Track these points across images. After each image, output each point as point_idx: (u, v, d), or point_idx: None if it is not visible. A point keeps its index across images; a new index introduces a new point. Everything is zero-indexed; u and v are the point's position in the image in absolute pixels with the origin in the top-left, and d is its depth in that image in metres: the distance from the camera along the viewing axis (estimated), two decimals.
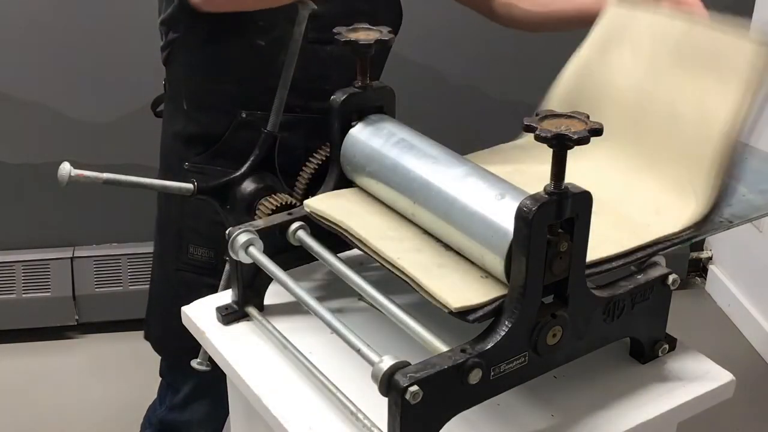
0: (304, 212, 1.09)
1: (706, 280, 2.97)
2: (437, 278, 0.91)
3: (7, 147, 2.52)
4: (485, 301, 0.88)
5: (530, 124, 0.83)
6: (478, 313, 0.87)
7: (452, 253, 0.96)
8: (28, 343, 2.66)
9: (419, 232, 1.00)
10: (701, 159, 1.05)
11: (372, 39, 1.07)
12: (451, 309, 0.87)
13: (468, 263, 0.95)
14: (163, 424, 1.72)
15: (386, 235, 0.99)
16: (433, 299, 0.89)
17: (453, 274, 0.92)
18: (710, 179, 1.04)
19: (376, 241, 0.97)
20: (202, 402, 1.67)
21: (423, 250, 0.97)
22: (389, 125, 1.09)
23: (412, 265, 0.93)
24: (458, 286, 0.90)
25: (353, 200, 1.08)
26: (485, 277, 0.92)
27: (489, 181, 0.96)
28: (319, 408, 0.98)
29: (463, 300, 0.87)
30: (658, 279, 0.99)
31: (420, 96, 2.56)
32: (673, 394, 1.01)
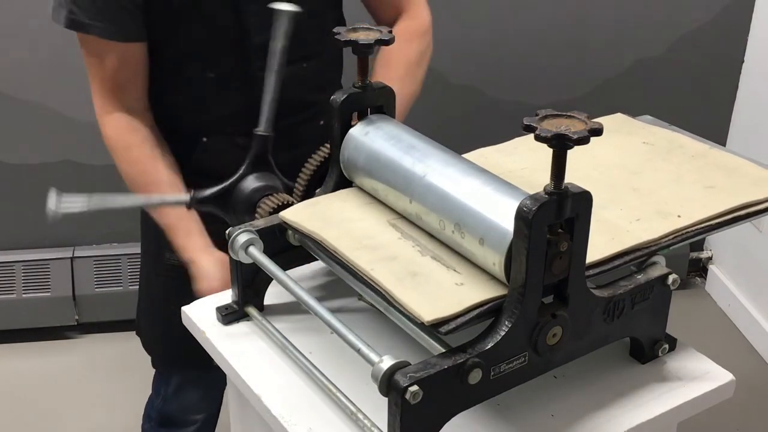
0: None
1: (706, 280, 2.97)
2: (410, 289, 0.89)
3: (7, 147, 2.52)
4: (459, 311, 0.86)
5: (530, 124, 0.83)
6: (451, 325, 0.85)
7: (428, 258, 0.95)
8: (28, 343, 2.66)
9: (396, 237, 0.99)
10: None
11: (372, 39, 1.07)
12: (424, 322, 0.85)
13: (444, 269, 0.93)
14: (161, 416, 1.74)
15: (361, 244, 0.98)
16: (406, 312, 0.87)
17: (427, 284, 0.91)
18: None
19: (350, 252, 0.96)
20: (194, 389, 1.69)
21: (398, 257, 0.95)
22: (389, 125, 1.09)
23: (385, 276, 0.91)
24: (432, 295, 0.88)
25: (333, 207, 1.06)
26: (460, 284, 0.90)
27: (489, 181, 0.96)
28: (319, 408, 0.98)
29: (436, 312, 0.85)
30: (658, 279, 0.99)
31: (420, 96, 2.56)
32: (673, 394, 1.01)
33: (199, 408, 1.73)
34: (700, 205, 1.05)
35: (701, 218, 1.03)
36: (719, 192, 1.08)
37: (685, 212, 1.03)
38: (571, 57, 2.62)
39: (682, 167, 1.15)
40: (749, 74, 2.72)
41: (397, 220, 1.02)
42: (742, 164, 1.15)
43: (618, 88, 2.68)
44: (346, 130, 1.09)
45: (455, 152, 1.05)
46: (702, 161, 1.16)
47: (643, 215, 1.01)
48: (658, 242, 0.99)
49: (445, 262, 0.94)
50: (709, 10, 2.64)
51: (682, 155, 1.18)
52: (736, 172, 1.13)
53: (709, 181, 1.11)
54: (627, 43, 2.64)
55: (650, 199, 1.06)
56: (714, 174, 1.13)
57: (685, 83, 2.72)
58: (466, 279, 0.91)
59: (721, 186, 1.10)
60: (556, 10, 2.56)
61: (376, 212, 1.05)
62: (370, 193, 1.09)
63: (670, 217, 1.02)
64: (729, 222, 1.05)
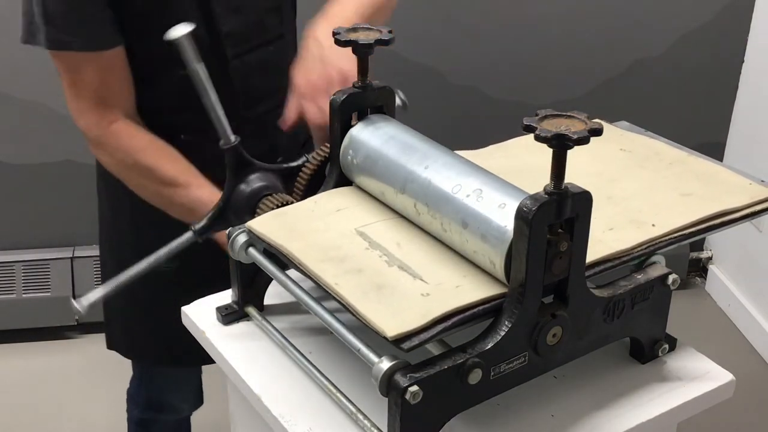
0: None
1: (706, 280, 2.97)
2: (375, 302, 0.88)
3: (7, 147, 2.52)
4: (424, 324, 0.84)
5: (530, 124, 0.83)
6: (414, 341, 0.83)
7: (395, 268, 0.93)
8: (28, 343, 2.66)
9: (363, 246, 0.97)
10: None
11: (372, 39, 1.07)
12: (387, 337, 0.83)
13: (410, 279, 0.92)
14: (148, 401, 1.75)
15: (327, 255, 0.96)
16: (370, 327, 0.86)
17: (392, 296, 0.89)
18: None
19: (315, 265, 0.94)
20: (170, 371, 1.70)
21: (364, 269, 0.93)
22: (389, 125, 1.09)
23: (350, 290, 0.90)
24: (397, 308, 0.87)
25: (302, 215, 1.05)
26: (426, 294, 0.89)
27: (489, 181, 0.96)
28: (319, 408, 0.98)
29: (401, 326, 0.84)
30: (658, 279, 0.99)
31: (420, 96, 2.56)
32: (673, 394, 1.01)
33: (178, 389, 1.74)
34: (676, 213, 1.03)
35: (675, 227, 1.01)
36: (695, 200, 1.07)
37: (659, 221, 1.02)
38: (571, 57, 2.62)
39: (658, 174, 1.14)
40: (749, 74, 2.72)
41: (365, 228, 1.01)
42: (720, 171, 1.14)
43: (618, 88, 2.68)
44: (346, 130, 1.09)
45: (455, 152, 1.05)
46: (679, 168, 1.15)
47: (616, 224, 0.99)
48: (630, 252, 0.97)
49: (411, 272, 0.92)
50: (709, 10, 2.64)
51: (659, 162, 1.17)
52: (713, 179, 1.12)
53: (685, 189, 1.09)
54: (627, 43, 2.64)
55: (625, 208, 1.04)
56: (691, 181, 1.11)
57: (685, 83, 2.72)
58: (433, 288, 0.90)
59: (697, 193, 1.08)
60: (556, 10, 2.56)
61: (344, 220, 1.03)
62: (370, 193, 1.09)
63: (644, 227, 1.01)
64: (704, 230, 1.03)
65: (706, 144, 2.81)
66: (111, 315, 1.64)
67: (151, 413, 1.76)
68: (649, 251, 0.99)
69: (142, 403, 1.76)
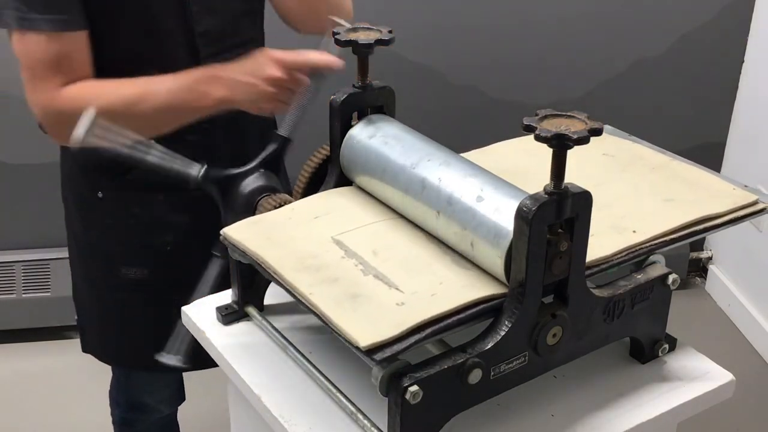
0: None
1: (706, 280, 2.97)
2: (349, 312, 0.87)
3: (7, 147, 2.52)
4: (397, 334, 0.83)
5: (530, 124, 0.83)
6: (386, 352, 0.82)
7: (371, 277, 0.92)
8: (28, 343, 2.66)
9: (340, 255, 0.97)
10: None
11: (372, 39, 1.07)
12: (360, 348, 0.82)
13: (385, 288, 0.91)
14: (128, 401, 1.76)
15: (303, 264, 0.95)
16: (343, 337, 0.85)
17: (367, 306, 0.88)
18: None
19: (290, 274, 0.93)
20: (145, 373, 1.69)
21: (339, 278, 0.92)
22: (389, 125, 1.09)
23: (325, 299, 0.89)
24: (371, 318, 0.86)
25: (278, 223, 1.04)
26: (401, 304, 0.88)
27: (489, 181, 0.96)
28: (319, 408, 0.98)
29: (374, 336, 0.83)
30: (657, 279, 0.99)
31: (420, 96, 2.56)
32: (673, 394, 1.01)
33: (155, 388, 1.74)
34: (657, 219, 1.03)
35: (657, 233, 1.00)
36: (678, 205, 1.06)
37: (640, 227, 1.01)
38: (571, 57, 2.62)
39: (641, 179, 1.13)
40: (749, 74, 2.72)
41: (342, 236, 1.00)
42: (703, 176, 1.14)
43: (618, 88, 2.67)
44: (346, 130, 1.09)
45: (455, 152, 1.05)
46: (662, 173, 1.14)
47: (597, 230, 0.96)
48: (609, 260, 0.96)
49: (387, 281, 0.92)
50: (709, 10, 2.64)
51: (642, 167, 1.16)
52: (696, 184, 1.11)
53: (668, 194, 1.09)
54: (627, 43, 2.64)
55: (606, 213, 1.03)
56: (674, 186, 1.11)
57: (685, 83, 2.72)
58: (408, 297, 0.89)
59: (680, 199, 1.08)
60: (556, 10, 2.56)
61: (321, 228, 1.02)
62: (370, 192, 1.09)
63: (625, 233, 1.00)
64: (686, 236, 1.02)
65: (706, 144, 2.81)
66: (84, 320, 1.64)
67: (133, 413, 1.76)
68: (630, 258, 0.98)
69: (123, 403, 1.77)
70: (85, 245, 1.55)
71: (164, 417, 1.79)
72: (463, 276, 0.93)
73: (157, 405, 1.75)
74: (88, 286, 1.58)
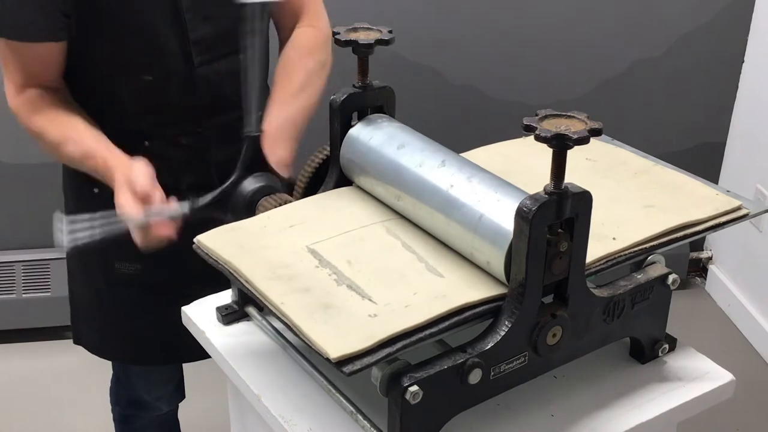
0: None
1: (706, 280, 2.97)
2: (320, 323, 0.86)
3: (7, 147, 2.52)
4: (368, 346, 0.82)
5: (530, 124, 0.83)
6: (356, 365, 0.81)
7: (344, 288, 0.91)
8: (28, 343, 2.66)
9: (314, 265, 0.95)
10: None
11: (372, 39, 1.07)
12: (330, 359, 0.82)
13: (358, 299, 0.90)
14: (127, 399, 1.76)
15: (275, 274, 0.94)
16: (312, 348, 0.84)
17: (338, 316, 0.87)
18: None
19: (262, 283, 0.92)
20: (146, 370, 1.70)
21: (312, 288, 0.91)
22: (389, 125, 1.09)
23: (296, 309, 0.88)
24: (342, 329, 0.85)
25: (253, 231, 1.03)
26: (374, 316, 0.87)
27: (489, 181, 0.96)
28: (319, 408, 0.98)
29: (344, 347, 0.82)
30: (657, 279, 0.99)
31: (420, 96, 2.56)
32: (673, 394, 1.01)
33: (154, 384, 1.75)
34: (638, 226, 1.01)
35: (636, 241, 0.99)
36: (658, 212, 1.05)
37: (620, 234, 1.00)
38: (571, 57, 2.62)
39: (623, 185, 1.12)
40: (749, 74, 2.72)
41: (317, 245, 0.99)
42: (686, 182, 1.13)
43: (618, 88, 2.67)
44: (346, 130, 1.09)
45: (455, 152, 1.05)
46: (644, 178, 1.14)
47: None
48: (588, 268, 0.95)
49: (360, 291, 0.91)
50: (709, 10, 2.64)
51: (624, 172, 1.15)
52: (678, 190, 1.11)
53: (649, 200, 1.08)
54: (627, 43, 2.64)
55: None
56: (655, 192, 1.10)
57: (685, 83, 2.72)
58: (381, 309, 0.88)
59: (661, 205, 1.07)
60: (556, 10, 2.56)
61: (296, 237, 1.00)
62: (370, 193, 1.09)
63: (604, 240, 0.99)
64: (666, 243, 1.01)
65: (706, 144, 2.81)
66: (78, 313, 1.64)
67: (132, 410, 1.77)
68: (609, 266, 0.97)
69: (122, 401, 1.77)
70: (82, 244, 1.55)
71: (164, 415, 1.79)
72: (439, 285, 0.91)
73: (156, 402, 1.75)
74: (83, 279, 1.58)
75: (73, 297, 1.64)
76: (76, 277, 1.61)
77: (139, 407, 1.75)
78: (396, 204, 1.04)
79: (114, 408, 1.80)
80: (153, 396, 1.74)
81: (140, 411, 1.76)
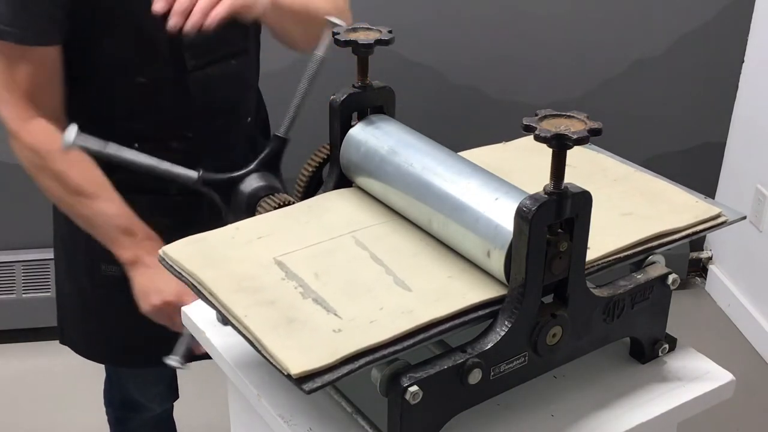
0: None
1: (706, 280, 2.97)
2: (283, 337, 0.84)
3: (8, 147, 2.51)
4: (331, 362, 0.81)
5: (530, 124, 0.83)
6: (317, 382, 0.80)
7: (309, 301, 0.89)
8: (28, 343, 2.66)
9: (280, 277, 0.93)
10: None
11: (372, 39, 1.07)
12: (291, 374, 0.80)
13: (323, 313, 0.88)
14: (120, 400, 1.77)
15: (240, 286, 0.91)
16: (273, 364, 0.82)
17: (302, 331, 0.85)
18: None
19: (226, 296, 0.90)
20: (138, 371, 1.70)
21: (277, 301, 0.89)
22: (389, 125, 1.09)
23: (259, 323, 0.86)
24: (305, 344, 0.83)
25: (220, 242, 1.00)
26: (338, 331, 0.85)
27: (488, 181, 0.96)
28: (319, 408, 0.98)
29: (306, 363, 0.80)
30: (657, 279, 0.99)
31: (420, 96, 2.56)
32: (673, 394, 1.01)
33: (144, 385, 1.75)
34: (613, 234, 0.99)
35: (610, 250, 0.97)
36: (635, 220, 1.03)
37: (595, 243, 0.96)
38: (571, 57, 2.62)
39: (601, 192, 1.08)
40: (749, 74, 2.72)
41: (285, 257, 0.96)
42: (665, 189, 1.12)
43: (618, 88, 2.68)
44: (346, 130, 1.09)
45: (455, 152, 1.05)
46: (623, 186, 1.12)
47: None
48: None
49: (326, 305, 0.89)
50: (709, 10, 2.64)
51: (603, 179, 1.14)
52: (657, 197, 1.09)
53: (626, 208, 1.06)
54: (627, 43, 2.64)
55: None
56: (633, 200, 1.08)
57: (685, 83, 2.72)
58: (346, 324, 0.86)
59: (638, 213, 1.05)
60: (556, 10, 2.56)
61: (263, 248, 0.98)
62: (370, 193, 1.09)
63: None
64: (642, 252, 1.00)
65: (706, 144, 2.81)
66: (65, 314, 1.64)
67: (126, 412, 1.77)
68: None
69: (115, 402, 1.77)
70: (67, 239, 1.55)
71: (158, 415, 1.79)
72: (406, 300, 0.89)
73: (149, 403, 1.75)
74: (69, 280, 1.58)
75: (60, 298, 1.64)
76: (62, 279, 1.61)
77: (132, 408, 1.75)
78: (395, 204, 1.04)
79: (108, 410, 1.81)
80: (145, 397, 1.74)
81: (133, 412, 1.76)
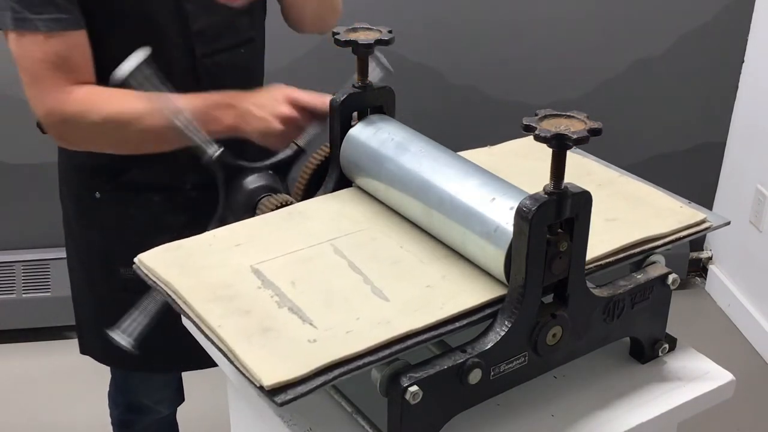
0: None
1: (706, 280, 2.97)
2: (257, 347, 0.83)
3: (7, 147, 2.52)
4: (305, 373, 0.80)
5: (530, 124, 0.84)
6: (289, 395, 0.78)
7: (285, 310, 0.88)
8: (28, 343, 2.66)
9: (256, 285, 0.92)
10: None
11: (372, 39, 1.07)
12: (263, 386, 0.79)
13: (299, 323, 0.87)
14: (126, 403, 1.76)
15: (215, 295, 0.90)
16: (245, 375, 0.81)
17: (277, 341, 0.84)
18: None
19: (201, 305, 0.89)
20: (144, 375, 1.69)
21: (252, 310, 0.88)
22: (389, 125, 1.09)
23: (233, 332, 0.85)
24: (280, 355, 0.82)
25: (197, 250, 0.99)
26: (313, 341, 0.84)
27: (488, 181, 0.96)
28: (319, 408, 0.98)
29: (279, 374, 0.79)
30: (657, 279, 0.99)
31: (420, 96, 2.56)
32: (673, 394, 1.01)
33: (153, 389, 1.74)
34: (597, 240, 0.98)
35: (594, 256, 0.96)
36: (620, 225, 1.03)
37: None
38: (571, 57, 2.62)
39: None
40: (749, 74, 2.72)
41: (262, 264, 0.96)
42: (650, 193, 1.11)
43: (618, 88, 2.68)
44: (346, 130, 1.09)
45: (455, 152, 1.05)
46: (608, 190, 1.12)
47: None
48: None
49: (302, 314, 0.88)
50: (709, 10, 2.64)
51: (589, 183, 1.11)
52: (641, 202, 1.09)
53: (611, 213, 1.05)
54: (627, 43, 2.64)
55: None
56: (618, 204, 1.08)
57: (685, 83, 2.72)
58: (321, 334, 0.85)
59: (623, 218, 1.05)
60: (556, 10, 2.56)
61: (240, 256, 0.97)
62: (370, 193, 1.09)
63: None
64: (625, 258, 0.99)
65: (706, 144, 2.81)
66: (83, 321, 1.64)
67: (131, 414, 1.76)
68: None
69: (121, 404, 1.76)
70: (83, 245, 1.55)
71: (163, 418, 1.79)
72: (383, 310, 0.89)
73: (156, 406, 1.75)
74: (87, 287, 1.57)
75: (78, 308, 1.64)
76: (80, 288, 1.60)
77: (138, 411, 1.75)
78: (395, 204, 1.04)
79: (113, 412, 1.80)
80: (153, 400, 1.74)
81: (139, 415, 1.76)
